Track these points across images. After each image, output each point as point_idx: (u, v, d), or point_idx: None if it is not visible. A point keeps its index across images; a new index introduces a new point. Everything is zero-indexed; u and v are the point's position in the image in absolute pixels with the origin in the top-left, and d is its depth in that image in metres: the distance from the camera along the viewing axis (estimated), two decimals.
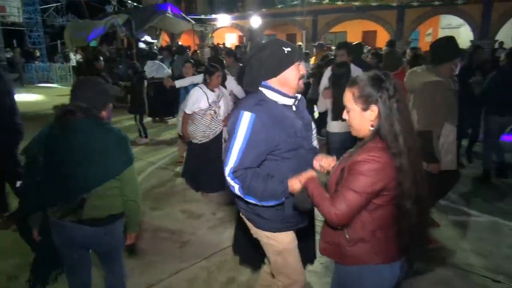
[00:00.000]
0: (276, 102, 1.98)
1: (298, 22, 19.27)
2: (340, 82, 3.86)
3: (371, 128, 1.64)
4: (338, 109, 2.79)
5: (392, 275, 1.71)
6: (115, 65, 11.95)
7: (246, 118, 1.88)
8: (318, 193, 1.68)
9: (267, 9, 20.34)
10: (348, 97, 1.67)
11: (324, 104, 4.33)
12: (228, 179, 1.93)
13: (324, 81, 4.50)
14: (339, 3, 18.15)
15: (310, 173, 1.80)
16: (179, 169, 5.68)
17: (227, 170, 1.92)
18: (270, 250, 2.20)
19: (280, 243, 2.14)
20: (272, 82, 1.98)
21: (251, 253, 2.76)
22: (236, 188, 1.93)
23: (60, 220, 2.08)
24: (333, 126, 4.20)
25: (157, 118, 9.23)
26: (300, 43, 13.56)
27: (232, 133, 1.92)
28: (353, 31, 20.21)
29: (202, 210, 4.47)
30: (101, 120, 2.12)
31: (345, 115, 1.73)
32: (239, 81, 5.83)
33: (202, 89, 4.44)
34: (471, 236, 3.74)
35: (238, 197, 2.05)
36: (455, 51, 3.22)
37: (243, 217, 2.23)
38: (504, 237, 3.75)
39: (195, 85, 4.79)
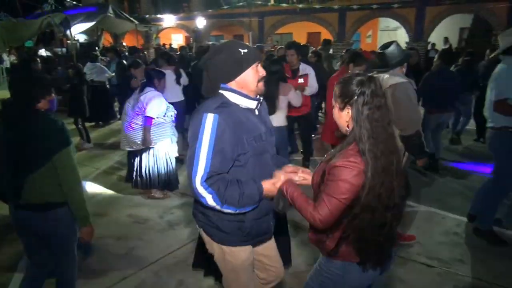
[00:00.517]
0: (238, 105, 1.89)
1: (244, 23, 19.42)
2: (272, 79, 3.90)
3: (348, 129, 1.67)
4: (270, 105, 2.78)
5: (373, 272, 1.75)
6: (54, 67, 11.33)
7: (209, 120, 1.77)
8: (299, 197, 1.71)
9: (213, 10, 20.29)
10: (333, 94, 1.72)
11: None
12: (200, 189, 1.75)
13: None
14: (284, 5, 18.52)
15: (287, 177, 1.80)
16: (124, 173, 5.51)
17: (198, 179, 1.75)
18: (224, 266, 2.11)
19: (235, 259, 2.04)
20: (231, 85, 1.90)
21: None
22: (210, 199, 1.76)
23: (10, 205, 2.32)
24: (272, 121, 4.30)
25: (100, 122, 8.93)
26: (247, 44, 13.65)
27: (195, 138, 1.79)
28: (299, 32, 20.71)
29: (149, 214, 4.37)
30: (37, 111, 2.24)
31: (333, 110, 1.76)
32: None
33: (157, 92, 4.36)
34: (409, 226, 3.98)
35: (198, 209, 1.97)
36: (406, 54, 3.39)
37: (200, 230, 2.12)
38: (437, 225, 4.03)
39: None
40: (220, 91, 1.90)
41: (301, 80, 5.03)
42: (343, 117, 1.68)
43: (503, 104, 3.29)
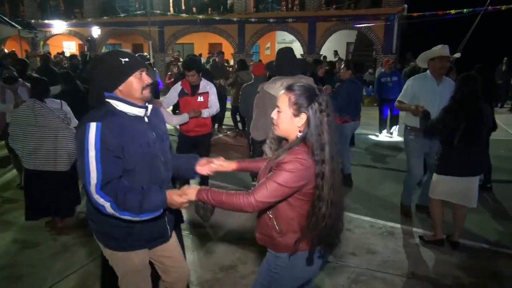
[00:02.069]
0: (126, 114, 1.92)
1: (144, 32, 18.87)
2: None
3: (299, 134, 1.78)
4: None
5: (316, 263, 1.90)
6: None
7: (92, 129, 1.78)
8: (221, 194, 1.76)
9: (109, 18, 19.34)
10: (284, 101, 1.79)
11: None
12: (97, 197, 1.76)
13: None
14: (184, 15, 18.46)
15: (194, 188, 1.82)
16: (8, 194, 4.95)
17: (93, 188, 1.76)
18: (118, 271, 2.13)
19: (128, 264, 2.07)
20: (115, 93, 1.92)
21: None
22: (108, 206, 1.77)
23: None
24: None
25: None
26: (146, 54, 13.30)
27: (81, 148, 1.79)
28: (200, 42, 20.82)
29: (41, 237, 3.99)
30: None
31: (274, 115, 1.85)
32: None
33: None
34: None
35: (90, 217, 1.95)
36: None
37: (95, 238, 2.11)
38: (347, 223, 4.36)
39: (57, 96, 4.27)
40: (106, 100, 1.92)
41: (200, 99, 4.49)
42: (296, 123, 1.78)
43: (398, 101, 4.35)
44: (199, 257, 3.62)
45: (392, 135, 8.85)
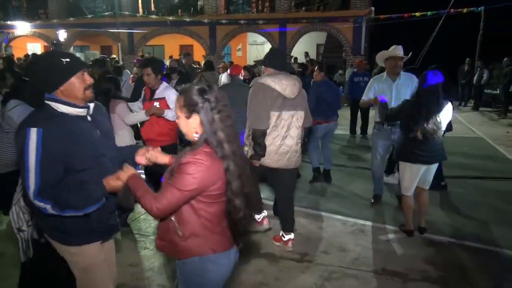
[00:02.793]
0: (67, 114, 1.92)
1: (112, 34, 18.49)
2: (102, 98, 3.80)
3: (196, 135, 1.78)
4: None
5: (229, 262, 1.92)
6: None
7: (33, 135, 1.78)
8: (140, 187, 1.78)
9: (76, 19, 18.83)
10: (176, 106, 1.81)
11: None
12: (36, 202, 1.80)
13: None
14: (154, 17, 18.21)
15: (130, 170, 1.87)
16: None
17: (31, 194, 1.80)
18: (75, 268, 2.12)
19: (85, 258, 2.07)
20: (56, 94, 1.91)
21: None
22: (49, 208, 1.81)
23: None
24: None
25: None
26: (115, 56, 13.04)
27: (22, 153, 1.80)
28: (171, 44, 20.56)
29: None
30: None
31: (177, 120, 1.86)
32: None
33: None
34: (276, 225, 4.27)
35: (39, 216, 1.94)
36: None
37: (47, 236, 2.10)
38: (303, 223, 4.43)
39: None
40: (46, 102, 1.91)
41: (156, 104, 4.11)
42: (191, 125, 1.78)
43: (361, 100, 4.84)
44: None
45: (365, 134, 9.02)
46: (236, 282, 3.20)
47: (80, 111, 1.96)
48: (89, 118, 2.02)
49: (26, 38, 20.71)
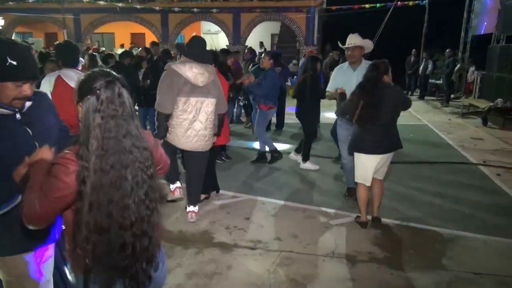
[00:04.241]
0: None
1: (57, 20, 17.50)
2: None
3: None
4: None
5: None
6: None
7: None
8: (35, 179, 1.48)
9: (16, 3, 17.63)
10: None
11: None
12: None
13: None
14: (102, 2, 17.43)
15: (43, 152, 1.58)
16: None
17: None
18: (3, 280, 1.86)
19: (10, 269, 1.83)
20: None
21: None
22: None
23: None
24: None
25: None
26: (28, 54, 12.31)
27: None
28: (121, 32, 19.83)
29: None
30: None
31: None
32: None
33: None
34: (229, 214, 4.30)
35: None
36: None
37: None
38: (257, 211, 4.47)
39: None
40: None
41: None
42: (77, 113, 1.51)
43: (326, 92, 4.78)
44: None
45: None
46: (189, 272, 3.18)
47: (4, 111, 1.71)
48: (18, 116, 1.77)
49: None
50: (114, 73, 1.52)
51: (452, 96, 13.32)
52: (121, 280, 1.49)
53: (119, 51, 13.24)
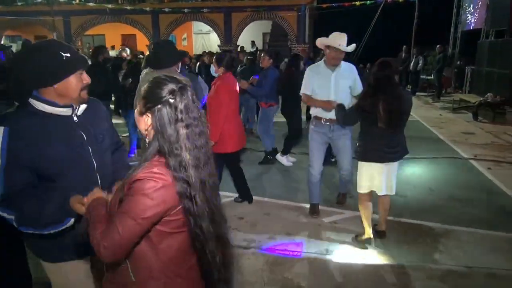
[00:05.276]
0: (48, 114, 1.69)
1: (47, 22, 17.35)
2: None
3: (147, 138, 1.43)
4: None
5: None
6: None
7: None
8: (96, 215, 1.37)
9: (4, 6, 17.46)
10: (138, 93, 1.57)
11: None
12: None
13: None
14: (92, 4, 17.32)
15: (96, 192, 1.51)
16: None
17: None
18: (53, 284, 1.95)
19: (59, 276, 1.89)
20: (46, 92, 1.66)
21: None
22: (14, 219, 1.60)
23: None
24: None
25: None
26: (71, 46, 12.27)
27: None
28: (112, 34, 19.73)
29: None
30: None
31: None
32: None
33: None
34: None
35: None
36: (180, 54, 3.60)
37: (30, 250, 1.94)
38: (250, 210, 4.47)
39: None
40: (30, 99, 1.68)
41: None
42: (142, 123, 1.42)
43: (304, 95, 4.17)
44: None
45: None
46: None
47: (63, 111, 1.72)
48: (75, 118, 1.77)
49: None
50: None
51: (443, 91, 13.43)
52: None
53: (111, 52, 13.20)
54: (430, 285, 3.08)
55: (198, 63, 9.76)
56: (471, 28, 13.51)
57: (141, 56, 11.59)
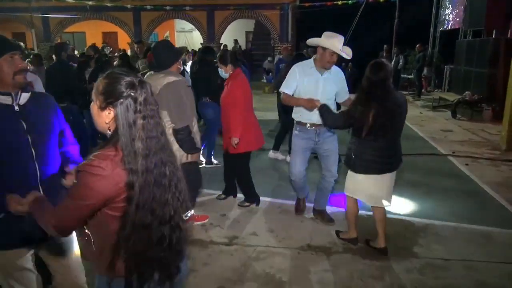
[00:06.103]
0: None
1: (25, 19, 16.95)
2: None
3: (109, 132, 1.47)
4: None
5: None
6: None
7: None
8: (38, 210, 1.52)
9: None
10: (95, 89, 1.51)
11: None
12: None
13: None
14: (71, 1, 16.99)
15: (32, 195, 1.59)
16: None
17: None
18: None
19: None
20: None
21: None
22: None
23: None
24: None
25: None
26: (22, 43, 12.00)
27: None
28: (93, 31, 19.41)
29: None
30: None
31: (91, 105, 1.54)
32: None
33: None
34: (205, 211, 4.29)
35: None
36: (176, 53, 3.44)
37: None
38: (234, 207, 4.47)
39: None
40: None
41: None
42: (103, 118, 1.46)
43: (284, 94, 3.80)
44: None
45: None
46: None
47: (2, 98, 1.78)
48: (16, 107, 1.82)
49: None
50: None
51: (423, 90, 13.68)
52: (156, 274, 1.50)
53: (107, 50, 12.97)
54: (409, 277, 3.13)
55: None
56: (449, 28, 13.79)
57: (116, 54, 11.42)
